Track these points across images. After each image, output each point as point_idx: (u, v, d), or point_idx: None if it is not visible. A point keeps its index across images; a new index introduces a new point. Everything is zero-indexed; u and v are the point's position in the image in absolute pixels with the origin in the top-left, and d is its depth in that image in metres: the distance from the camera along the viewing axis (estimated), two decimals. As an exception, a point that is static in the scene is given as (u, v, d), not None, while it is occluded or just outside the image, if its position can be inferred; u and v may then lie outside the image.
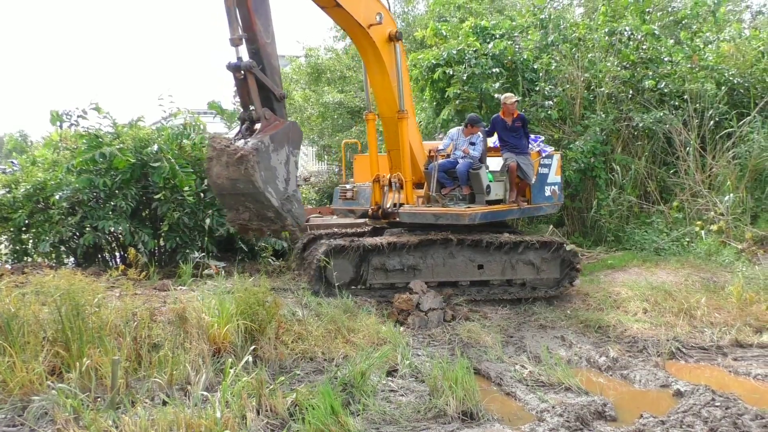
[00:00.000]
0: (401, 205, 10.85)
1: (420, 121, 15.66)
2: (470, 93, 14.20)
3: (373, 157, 11.24)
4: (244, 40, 7.61)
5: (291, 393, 6.43)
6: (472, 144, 11.08)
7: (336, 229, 12.50)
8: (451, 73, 14.32)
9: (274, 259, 12.85)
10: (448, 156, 11.23)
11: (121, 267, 10.16)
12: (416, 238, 10.34)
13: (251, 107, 7.64)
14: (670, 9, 20.29)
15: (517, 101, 11.62)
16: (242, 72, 7.54)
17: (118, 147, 11.26)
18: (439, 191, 10.89)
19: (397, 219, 10.83)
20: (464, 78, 14.17)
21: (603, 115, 15.03)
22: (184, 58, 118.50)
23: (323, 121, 24.36)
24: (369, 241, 10.28)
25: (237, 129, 7.89)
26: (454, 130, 11.65)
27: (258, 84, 7.61)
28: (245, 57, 7.60)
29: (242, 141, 7.45)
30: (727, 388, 7.02)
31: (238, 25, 7.51)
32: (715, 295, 10.17)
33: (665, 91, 15.80)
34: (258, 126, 7.63)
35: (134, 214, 11.60)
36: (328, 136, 24.85)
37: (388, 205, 10.99)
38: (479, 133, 11.14)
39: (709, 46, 17.36)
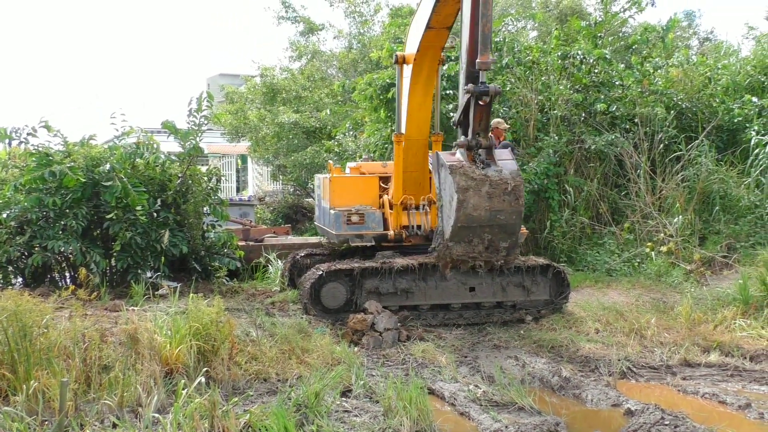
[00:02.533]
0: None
1: (375, 141, 15.72)
2: (425, 114, 14.29)
3: (398, 180, 11.02)
4: (465, 64, 7.61)
5: (244, 414, 6.37)
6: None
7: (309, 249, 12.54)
8: (406, 93, 14.43)
9: (228, 279, 12.75)
10: None
11: (71, 287, 9.99)
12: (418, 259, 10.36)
13: (478, 133, 7.57)
14: (621, 34, 20.78)
15: (507, 128, 11.68)
16: (489, 97, 7.47)
17: (68, 165, 11.09)
18: None
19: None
20: (419, 99, 14.28)
21: (556, 137, 15.24)
22: (137, 76, 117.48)
23: (278, 141, 24.32)
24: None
25: (457, 153, 7.69)
26: (498, 152, 11.70)
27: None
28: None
29: (491, 170, 7.37)
30: (676, 406, 7.11)
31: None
32: (665, 316, 10.35)
33: (617, 114, 16.10)
34: (481, 152, 7.55)
35: (85, 233, 11.42)
36: (283, 156, 24.80)
37: (424, 227, 10.88)
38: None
39: (659, 70, 17.76)
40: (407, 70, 10.46)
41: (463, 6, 7.97)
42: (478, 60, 7.50)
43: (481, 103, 7.58)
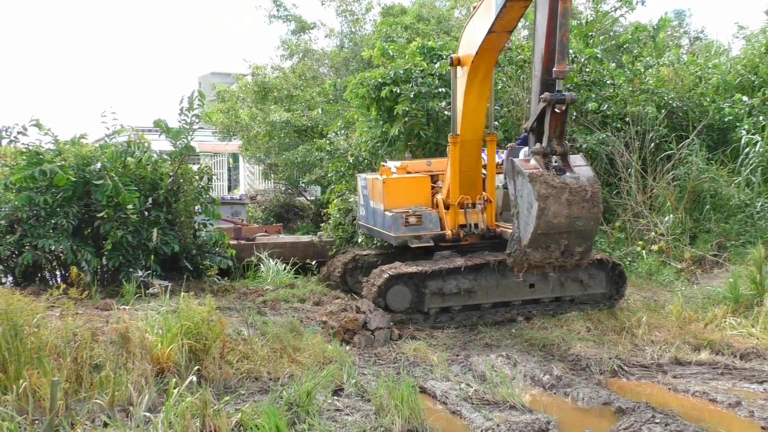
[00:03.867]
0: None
1: (366, 140, 15.71)
2: (417, 111, 14.31)
3: (454, 180, 11.04)
4: (539, 72, 7.72)
5: (236, 413, 6.37)
6: None
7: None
8: (398, 91, 14.43)
9: (219, 278, 12.74)
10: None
11: (62, 286, 9.96)
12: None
13: (553, 140, 7.66)
14: (612, 33, 20.82)
15: None
16: (565, 105, 7.57)
17: (59, 164, 11.05)
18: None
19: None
20: (411, 96, 14.29)
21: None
22: (127, 75, 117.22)
23: (270, 140, 24.26)
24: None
25: (532, 160, 7.75)
26: (523, 151, 11.74)
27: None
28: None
29: (568, 177, 7.47)
30: (667, 405, 7.15)
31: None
32: (656, 314, 10.40)
33: (608, 113, 16.14)
34: (555, 159, 7.66)
35: (76, 232, 11.39)
36: (274, 155, 24.76)
37: (481, 227, 11.00)
38: None
39: (650, 70, 17.82)
40: (461, 71, 10.48)
41: (538, 15, 8.02)
42: (555, 69, 7.58)
43: (557, 110, 7.68)
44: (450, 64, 10.67)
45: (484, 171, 11.37)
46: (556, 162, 7.76)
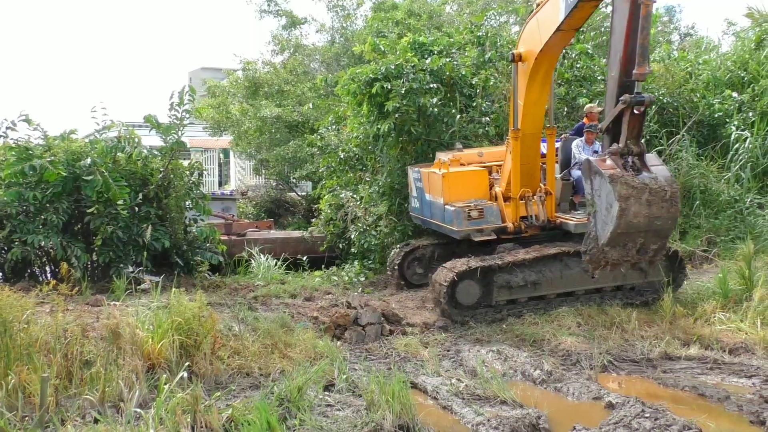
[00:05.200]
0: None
1: (357, 135, 15.69)
2: (408, 107, 14.29)
3: (515, 173, 11.17)
4: (617, 73, 7.86)
5: (227, 409, 6.37)
6: (596, 152, 11.56)
7: None
8: (389, 87, 14.40)
9: (210, 273, 12.72)
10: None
11: (52, 282, 9.92)
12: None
13: (629, 140, 7.79)
14: (602, 29, 20.83)
15: (600, 110, 12.21)
16: (643, 107, 7.70)
17: (49, 159, 11.01)
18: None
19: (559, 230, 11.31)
20: (402, 92, 14.27)
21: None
22: (117, 70, 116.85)
23: (261, 135, 24.23)
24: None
25: (608, 159, 7.84)
26: (575, 143, 12.12)
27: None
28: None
29: (646, 177, 7.60)
30: (657, 399, 7.19)
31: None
32: (646, 309, 10.44)
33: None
34: (633, 159, 7.77)
35: (66, 228, 11.35)
36: (265, 150, 24.73)
37: (542, 218, 11.19)
38: (596, 140, 11.79)
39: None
40: (522, 67, 10.56)
41: (615, 17, 8.09)
42: (635, 71, 7.66)
43: (636, 111, 7.78)
44: (511, 60, 10.77)
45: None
46: (633, 162, 7.87)
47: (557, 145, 11.99)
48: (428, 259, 12.82)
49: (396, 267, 12.82)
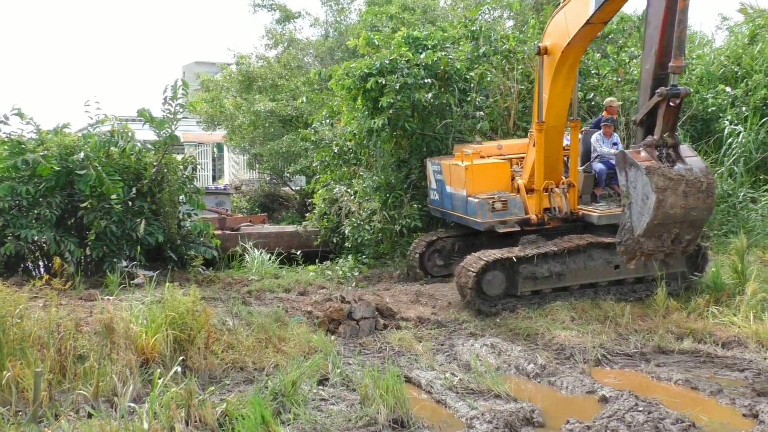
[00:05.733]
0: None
1: (352, 130, 15.68)
2: (403, 102, 14.28)
3: (539, 165, 11.27)
4: (652, 66, 7.97)
5: (221, 403, 6.36)
6: (615, 144, 11.91)
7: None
8: (383, 82, 14.39)
9: (204, 268, 12.71)
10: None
11: (46, 277, 9.89)
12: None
13: (664, 132, 7.86)
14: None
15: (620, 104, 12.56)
16: (679, 99, 7.76)
17: (42, 154, 10.98)
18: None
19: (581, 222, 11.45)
20: (397, 87, 14.26)
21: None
22: (111, 64, 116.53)
23: (254, 130, 24.16)
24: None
25: (642, 151, 7.90)
26: (595, 136, 12.21)
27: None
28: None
29: (681, 168, 7.70)
30: (650, 393, 7.21)
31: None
32: (640, 303, 10.47)
33: (593, 103, 16.17)
34: (669, 150, 7.85)
35: (59, 222, 11.33)
36: (259, 145, 24.67)
37: (564, 210, 11.29)
38: (614, 132, 12.04)
39: (634, 60, 17.84)
40: (547, 60, 10.62)
41: (650, 10, 8.15)
42: (671, 64, 7.73)
43: (671, 104, 7.84)
44: (537, 53, 10.81)
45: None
46: (667, 153, 7.94)
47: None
48: (448, 251, 12.97)
49: (417, 260, 12.91)
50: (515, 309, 10.46)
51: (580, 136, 12.05)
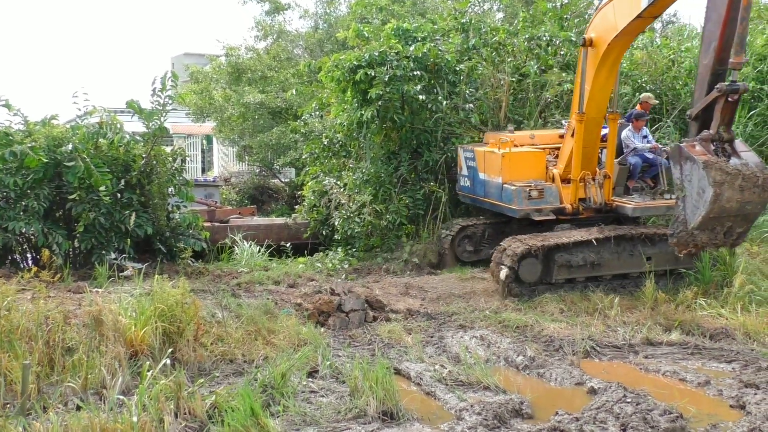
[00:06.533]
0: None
1: (342, 122, 15.66)
2: (392, 94, 14.26)
3: (577, 156, 11.41)
4: (711, 61, 8.08)
5: (210, 395, 6.37)
6: (645, 137, 12.08)
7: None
8: (372, 74, 14.37)
9: (193, 260, 12.68)
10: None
11: (34, 269, 9.84)
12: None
13: (721, 127, 8.00)
14: (586, 16, 20.82)
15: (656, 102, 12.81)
16: (737, 95, 7.88)
17: (29, 145, 10.91)
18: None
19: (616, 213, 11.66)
20: (386, 80, 14.24)
21: (531, 121, 15.34)
22: (99, 55, 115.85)
23: (244, 122, 24.12)
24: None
25: (697, 145, 7.98)
26: (625, 132, 12.26)
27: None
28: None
29: (737, 162, 7.81)
30: (638, 384, 7.25)
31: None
32: (629, 296, 10.52)
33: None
34: (719, 145, 7.99)
35: (47, 214, 11.27)
36: (248, 137, 24.62)
37: (599, 201, 11.47)
38: (643, 126, 12.17)
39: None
40: (591, 52, 10.73)
41: (711, 6, 8.21)
42: (732, 60, 7.87)
43: (730, 99, 7.95)
44: (581, 45, 10.90)
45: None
46: (722, 148, 8.07)
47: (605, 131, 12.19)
48: (479, 238, 13.17)
49: (448, 246, 13.11)
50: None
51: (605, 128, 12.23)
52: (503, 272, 10.63)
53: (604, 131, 11.86)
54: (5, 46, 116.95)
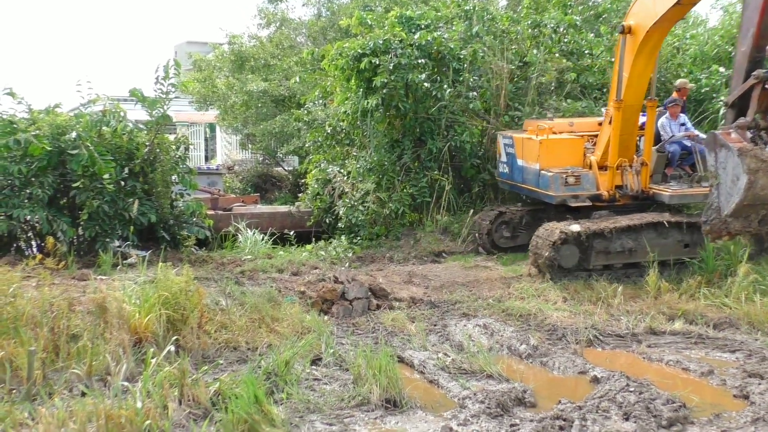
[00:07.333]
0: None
1: (345, 110, 15.64)
2: (397, 82, 14.24)
3: (615, 143, 11.44)
4: (748, 48, 8.03)
5: (214, 382, 6.38)
6: (683, 124, 12.10)
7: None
8: (377, 62, 14.34)
9: (196, 248, 12.69)
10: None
11: (39, 256, 9.86)
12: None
13: (757, 115, 8.01)
14: (590, 3, 20.75)
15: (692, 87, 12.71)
16: None
17: (33, 133, 10.93)
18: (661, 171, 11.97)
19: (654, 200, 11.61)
20: (391, 68, 14.21)
21: (528, 109, 15.29)
22: (102, 43, 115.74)
23: (247, 110, 24.10)
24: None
25: (732, 133, 7.97)
26: (662, 120, 12.24)
27: None
28: None
29: None
30: (641, 374, 7.24)
31: None
32: (632, 285, 10.50)
33: (585, 83, 16.16)
34: (756, 133, 7.98)
35: (51, 202, 11.29)
36: (252, 125, 24.60)
37: (636, 188, 11.47)
38: (680, 113, 12.14)
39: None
40: (630, 39, 10.75)
41: None
42: None
43: (767, 87, 7.96)
44: (620, 32, 10.92)
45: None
46: (759, 135, 8.08)
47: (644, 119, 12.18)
48: (516, 224, 13.21)
49: (485, 232, 13.17)
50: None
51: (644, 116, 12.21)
52: (574, 227, 10.70)
53: (643, 119, 11.86)
54: (9, 35, 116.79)
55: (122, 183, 11.73)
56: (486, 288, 10.88)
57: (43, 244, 11.11)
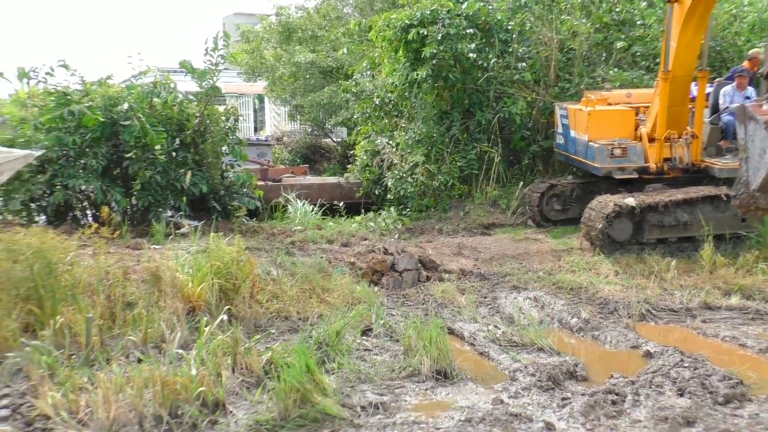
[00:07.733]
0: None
1: (393, 82, 15.57)
2: (445, 53, 14.11)
3: (662, 115, 11.27)
4: None
5: (266, 351, 6.43)
6: (748, 97, 11.56)
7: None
8: (425, 33, 14.22)
9: (247, 218, 12.80)
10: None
11: (94, 225, 10.02)
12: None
13: None
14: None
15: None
16: None
17: (86, 105, 11.09)
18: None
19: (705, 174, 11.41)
20: (439, 38, 14.08)
21: (577, 79, 15.04)
22: (152, 16, 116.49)
23: (295, 81, 24.14)
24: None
25: (765, 105, 7.82)
26: (728, 89, 12.02)
27: None
28: None
29: None
30: (696, 349, 7.11)
31: None
32: (686, 259, 10.31)
33: (637, 53, 15.81)
34: None
35: (105, 172, 11.47)
36: (300, 96, 24.64)
37: (686, 161, 11.27)
38: (747, 85, 11.86)
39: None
40: (677, 8, 10.59)
41: None
42: None
43: None
44: (666, 1, 10.79)
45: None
46: None
47: (710, 89, 11.96)
48: (567, 197, 13.14)
49: (536, 204, 13.14)
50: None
51: (711, 87, 11.89)
52: (629, 200, 10.57)
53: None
54: (62, 8, 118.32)
55: (174, 154, 11.85)
56: (536, 261, 10.79)
57: (98, 214, 11.29)
